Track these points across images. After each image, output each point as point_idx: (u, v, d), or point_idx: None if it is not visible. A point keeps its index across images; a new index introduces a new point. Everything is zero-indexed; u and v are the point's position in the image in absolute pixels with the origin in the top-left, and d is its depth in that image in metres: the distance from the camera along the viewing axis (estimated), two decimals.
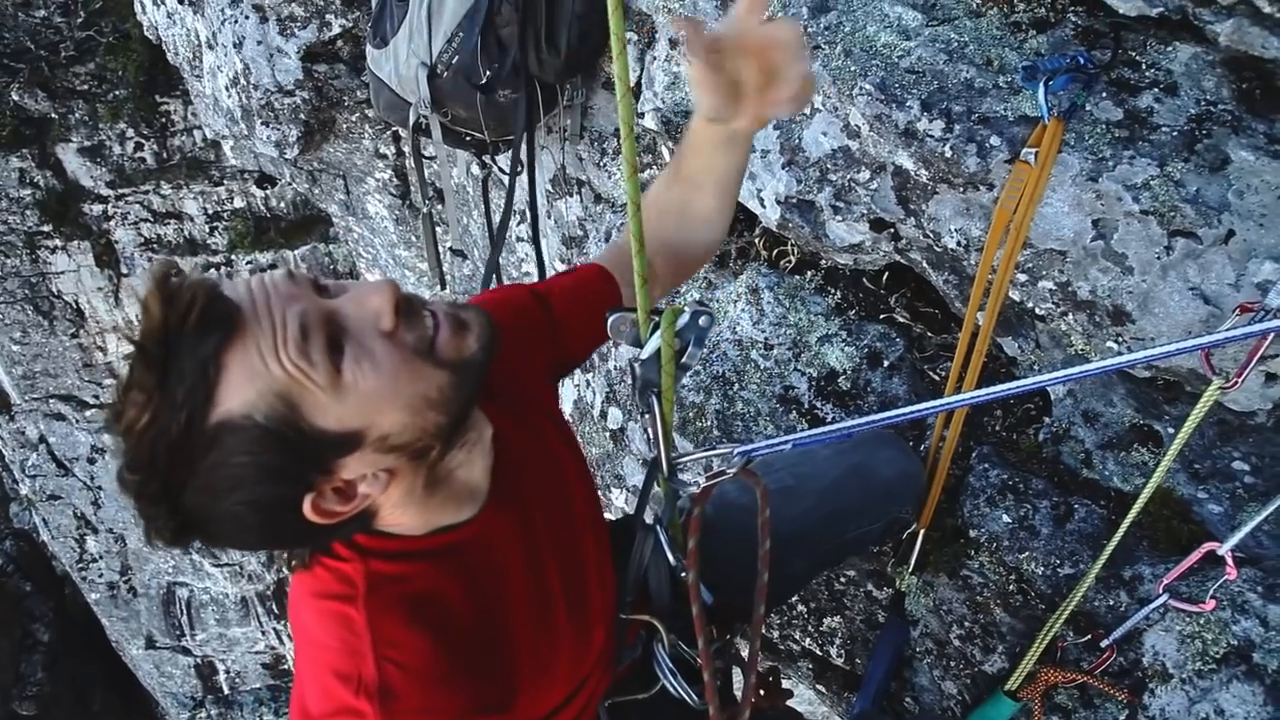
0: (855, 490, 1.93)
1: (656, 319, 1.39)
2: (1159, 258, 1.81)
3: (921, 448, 2.24)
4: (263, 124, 3.82)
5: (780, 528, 1.56)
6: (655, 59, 2.70)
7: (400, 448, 1.10)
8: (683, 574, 1.58)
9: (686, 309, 1.41)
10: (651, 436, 1.49)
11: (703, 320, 1.44)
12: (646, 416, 1.48)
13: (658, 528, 1.59)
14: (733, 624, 1.78)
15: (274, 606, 14.26)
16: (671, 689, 1.62)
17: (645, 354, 1.40)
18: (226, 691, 15.32)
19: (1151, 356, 1.59)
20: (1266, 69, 1.81)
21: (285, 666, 15.02)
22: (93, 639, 15.72)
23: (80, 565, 14.40)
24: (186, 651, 14.84)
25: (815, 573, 2.12)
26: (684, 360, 1.44)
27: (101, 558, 14.31)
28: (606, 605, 1.57)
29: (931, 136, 1.93)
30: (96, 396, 12.65)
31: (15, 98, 9.62)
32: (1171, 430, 2.15)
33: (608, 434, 2.76)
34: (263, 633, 14.61)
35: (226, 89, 3.93)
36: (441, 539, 1.25)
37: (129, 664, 15.60)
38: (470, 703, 1.17)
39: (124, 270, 11.48)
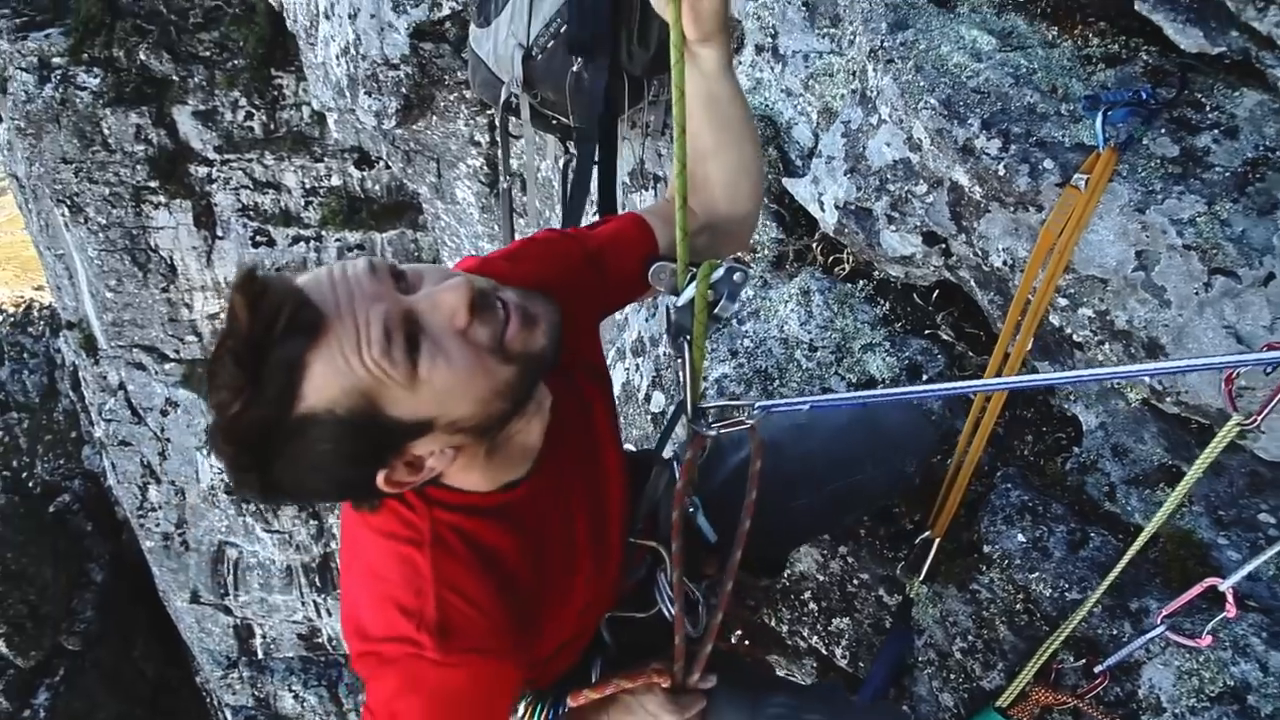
0: (861, 435, 1.98)
1: (694, 270, 1.48)
2: (1197, 293, 1.84)
3: (947, 461, 2.28)
4: (366, 93, 4.02)
5: (786, 465, 1.63)
6: (740, 63, 2.80)
7: (467, 430, 1.20)
8: (691, 509, 1.67)
9: (723, 263, 1.50)
10: (680, 380, 1.57)
11: (737, 276, 1.53)
12: (679, 360, 1.57)
13: (674, 464, 1.68)
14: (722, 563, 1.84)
15: (317, 579, 14.59)
16: (668, 614, 1.70)
17: (681, 301, 1.49)
18: (260, 656, 15.67)
19: (1166, 369, 1.63)
20: None
21: (320, 640, 15.31)
22: (142, 587, 16.23)
23: (140, 513, 14.91)
24: (228, 611, 15.24)
25: (819, 519, 2.13)
26: (716, 311, 1.53)
27: (161, 508, 14.80)
28: (621, 542, 1.68)
29: (988, 154, 1.99)
30: (177, 351, 13.16)
31: (142, 57, 10.17)
32: (1200, 475, 2.16)
33: (649, 417, 2.85)
34: (303, 603, 14.93)
35: (337, 58, 4.16)
36: (500, 497, 1.36)
37: (172, 615, 16.06)
38: (512, 645, 1.29)
39: (219, 233, 11.95)
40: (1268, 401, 1.66)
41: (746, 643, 1.89)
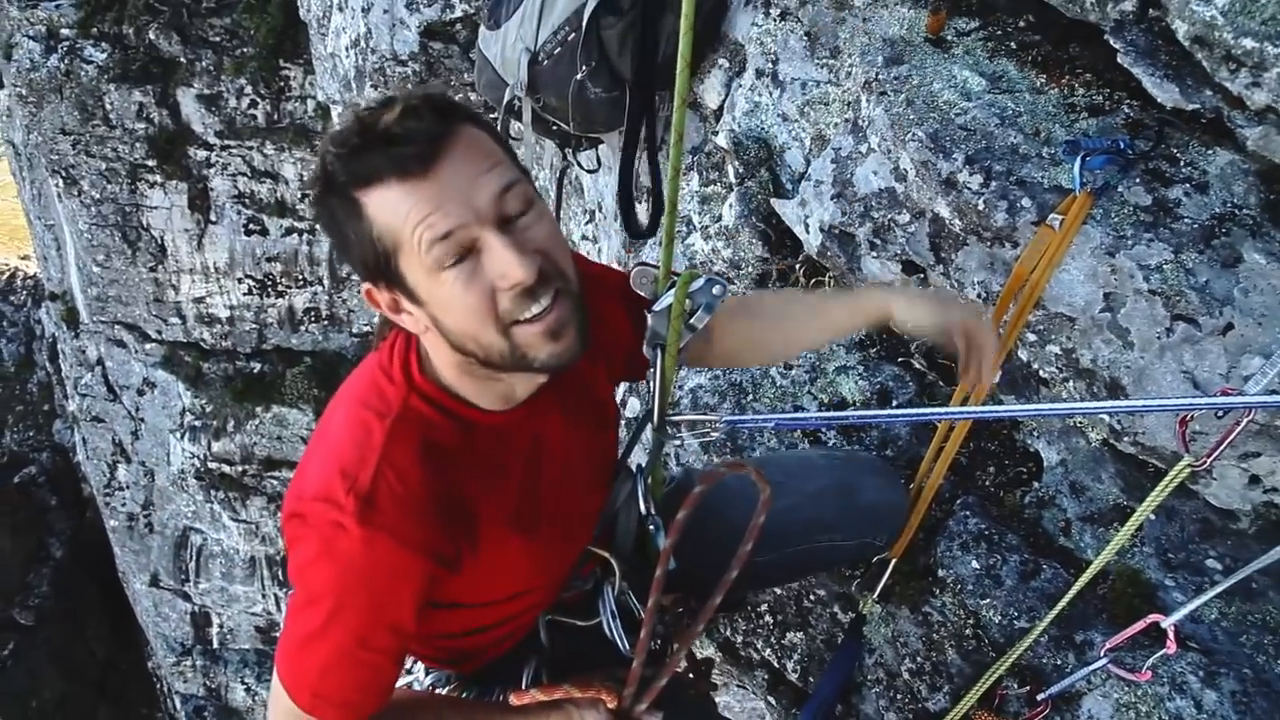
0: (836, 503, 2.02)
1: (676, 277, 1.53)
2: (1159, 338, 1.91)
3: (909, 486, 2.33)
4: (372, 86, 4.08)
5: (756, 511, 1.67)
6: (741, 86, 2.88)
7: (444, 334, 1.30)
8: (651, 525, 1.71)
9: (704, 275, 1.55)
10: (650, 388, 1.62)
11: (716, 289, 1.59)
12: (651, 369, 1.62)
13: (637, 475, 1.71)
14: (684, 595, 1.86)
15: (279, 573, 14.48)
16: (607, 629, 1.73)
17: (658, 307, 1.54)
18: (216, 645, 15.49)
19: (1122, 408, 1.69)
20: None
21: (277, 634, 15.12)
22: (100, 566, 16.05)
23: (107, 491, 14.78)
24: (187, 597, 15.08)
25: (781, 574, 2.20)
26: (692, 321, 1.58)
27: (128, 488, 14.68)
28: (584, 541, 1.72)
29: (969, 189, 2.06)
30: (159, 332, 13.11)
31: (151, 36, 10.22)
32: (1154, 517, 2.22)
33: (623, 423, 2.90)
34: (264, 595, 14.79)
35: (347, 49, 4.22)
36: (471, 412, 1.41)
37: (130, 597, 15.87)
38: (428, 543, 1.33)
39: (213, 218, 11.95)
40: (1216, 445, 1.72)
41: (691, 675, 1.91)
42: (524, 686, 1.69)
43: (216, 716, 15.96)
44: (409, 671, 1.78)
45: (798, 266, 2.66)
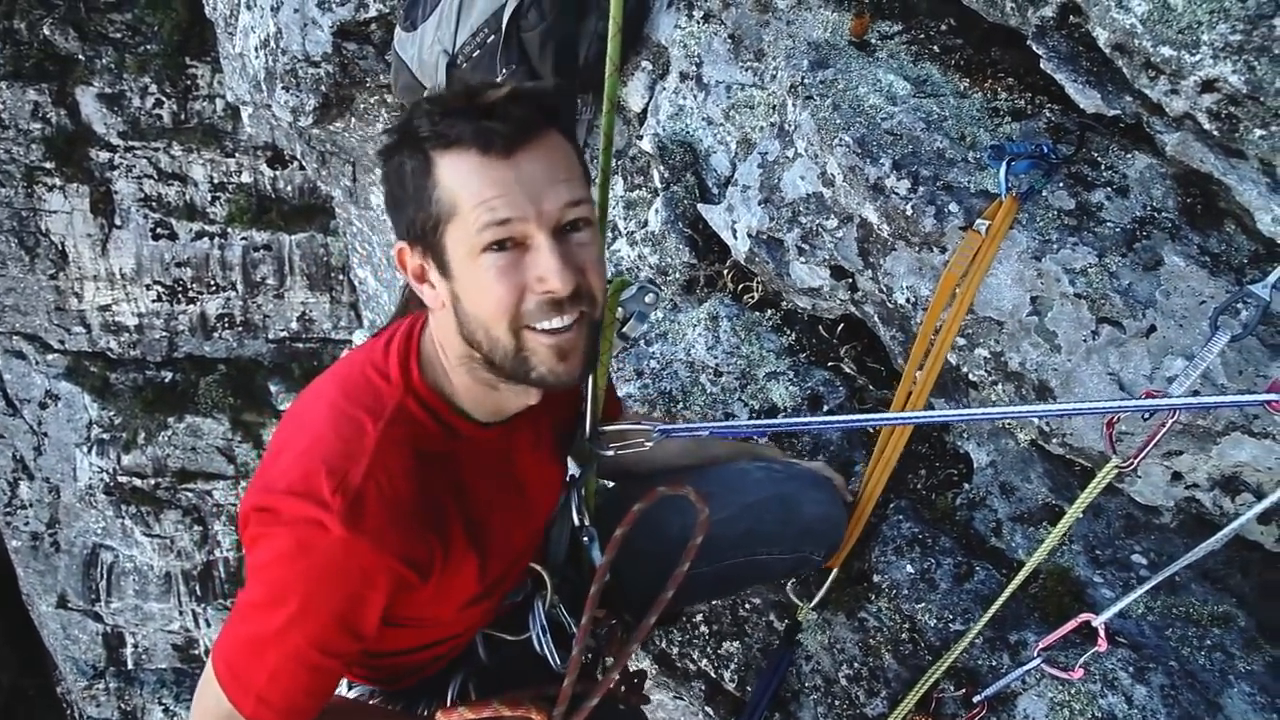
0: (776, 517, 1.99)
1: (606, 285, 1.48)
2: (1085, 340, 1.93)
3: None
4: (283, 88, 3.94)
5: (691, 530, 1.65)
6: (664, 89, 2.84)
7: (458, 317, 1.29)
8: (585, 537, 1.67)
9: (635, 283, 1.51)
10: (582, 396, 1.57)
11: (649, 297, 1.55)
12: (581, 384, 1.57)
13: (571, 487, 1.67)
14: (617, 609, 1.82)
15: (198, 588, 14.01)
16: (536, 644, 1.69)
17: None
18: (130, 667, 14.91)
19: (1053, 412, 1.69)
20: (1211, 189, 1.96)
21: (196, 652, 14.64)
22: (2, 589, 15.33)
23: (8, 510, 14.10)
24: (98, 618, 14.48)
25: (717, 587, 2.16)
26: (625, 330, 1.54)
27: (31, 505, 14.03)
28: (525, 564, 1.68)
29: (897, 194, 2.06)
30: (62, 342, 12.55)
31: (46, 32, 9.74)
32: (1081, 515, 2.25)
33: None
34: (180, 612, 14.29)
35: (256, 50, 4.06)
36: (462, 423, 1.40)
37: (35, 620, 15.20)
38: (407, 551, 1.29)
39: (118, 222, 11.48)
40: (1142, 447, 1.74)
41: (623, 689, 1.87)
42: (450, 701, 1.64)
43: None
44: None
45: (725, 272, 2.64)
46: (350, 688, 1.71)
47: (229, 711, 1.31)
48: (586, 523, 1.73)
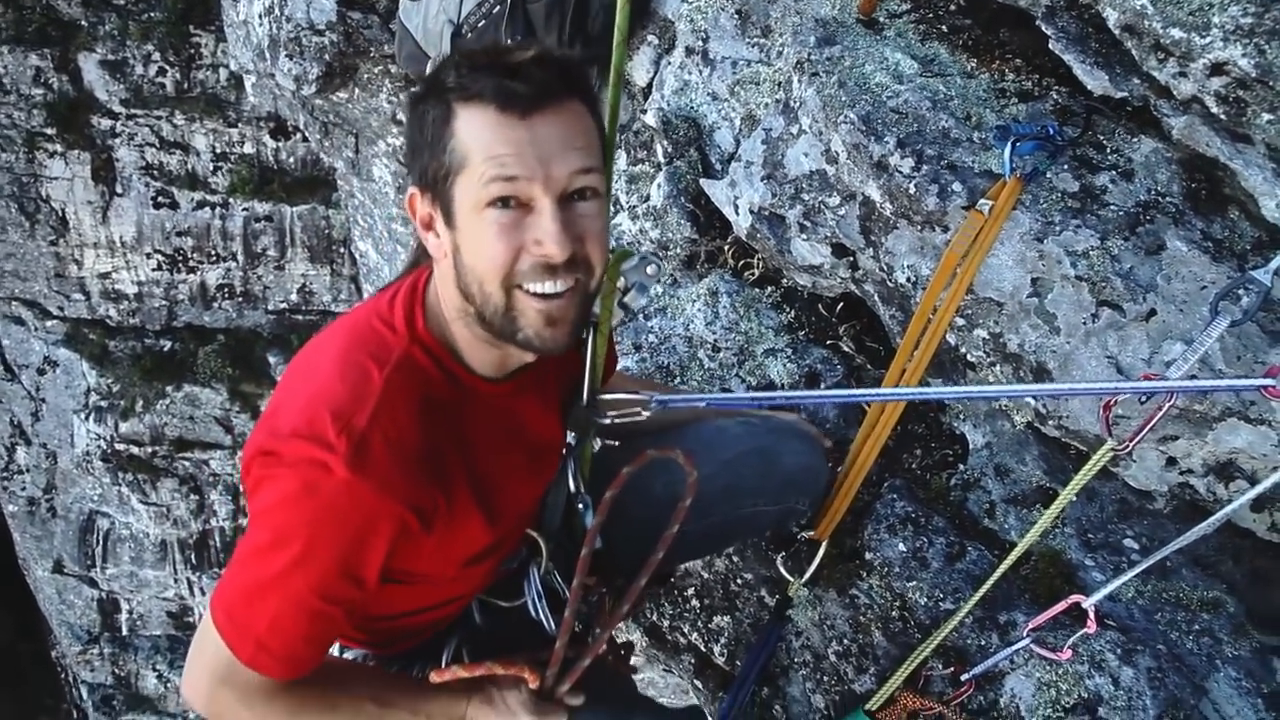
0: (756, 469, 2.00)
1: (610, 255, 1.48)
2: (1085, 323, 1.93)
3: (838, 469, 2.33)
4: (287, 56, 3.92)
5: (677, 489, 1.65)
6: (670, 64, 2.83)
7: (457, 269, 1.31)
8: (580, 504, 1.67)
9: (636, 254, 1.51)
10: (582, 365, 1.58)
11: (650, 268, 1.55)
12: (582, 348, 1.57)
13: (567, 454, 1.68)
14: (609, 576, 1.83)
15: (193, 556, 14.06)
16: (532, 608, 1.69)
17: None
18: (125, 632, 14.98)
19: (1048, 391, 1.69)
20: (1216, 174, 1.96)
21: (190, 620, 14.71)
22: None
23: (4, 475, 14.13)
24: (93, 583, 14.54)
25: (706, 543, 2.16)
26: (626, 300, 1.54)
27: (28, 471, 14.07)
28: (525, 528, 1.69)
29: (900, 172, 2.05)
30: (61, 308, 12.54)
31: None
32: (1074, 498, 2.26)
33: None
34: (175, 580, 14.34)
35: (260, 17, 4.04)
36: (466, 375, 1.41)
37: (31, 585, 15.26)
38: (410, 496, 1.30)
39: (119, 190, 11.46)
40: (1138, 430, 1.75)
41: (611, 658, 1.88)
42: (445, 664, 1.66)
43: (126, 704, 15.48)
44: None
45: (727, 248, 2.64)
46: (342, 651, 1.72)
47: (228, 659, 1.31)
48: (582, 489, 1.74)
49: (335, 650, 1.71)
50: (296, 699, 1.40)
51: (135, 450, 13.35)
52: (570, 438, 1.76)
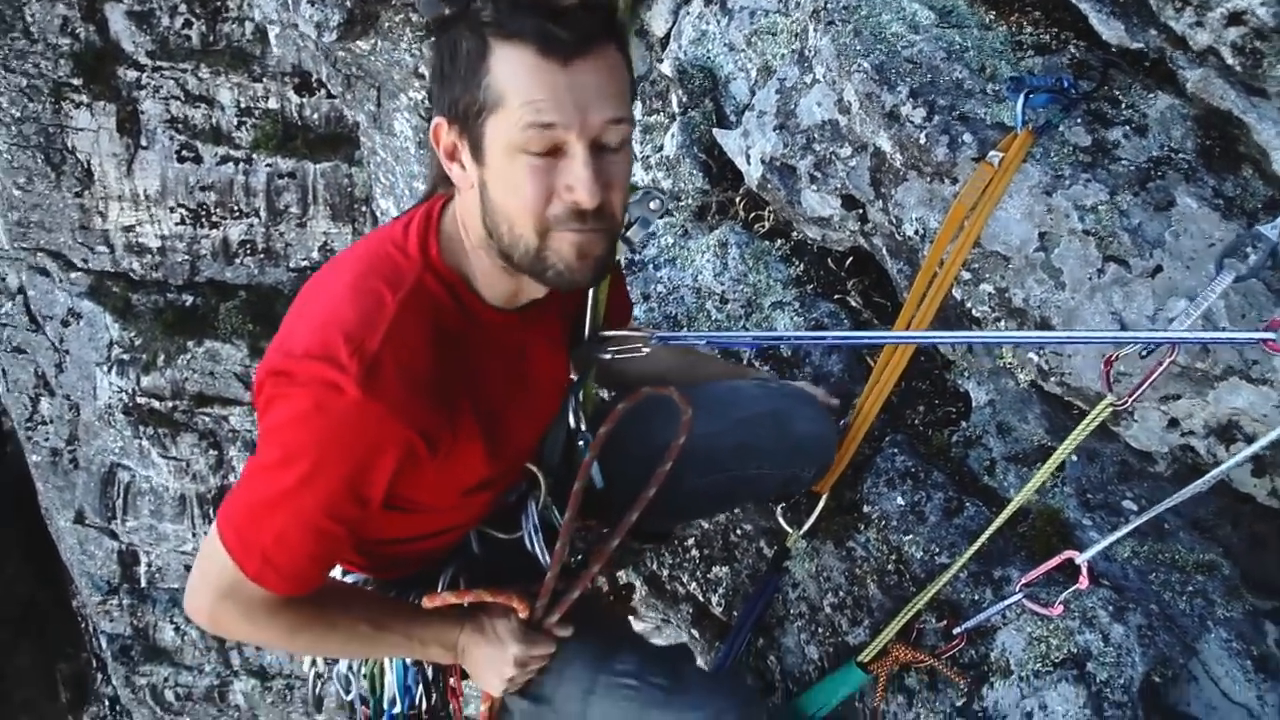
0: (768, 432, 2.00)
1: None
2: (1090, 278, 1.92)
3: (842, 422, 2.34)
4: (309, 2, 3.92)
5: (687, 442, 1.67)
6: (689, 14, 2.81)
7: (484, 202, 1.31)
8: (580, 441, 1.69)
9: (639, 188, 1.51)
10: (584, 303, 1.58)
11: (653, 204, 1.56)
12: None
13: (569, 391, 1.69)
14: (611, 516, 1.85)
15: (211, 511, 14.20)
16: (528, 542, 1.72)
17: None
18: (144, 584, 15.19)
19: (1046, 340, 1.69)
20: (1231, 132, 1.93)
21: None
22: (21, 502, 15.61)
23: (29, 425, 14.31)
24: (113, 535, 14.73)
25: (708, 504, 2.19)
26: (629, 234, 1.55)
27: (51, 422, 14.23)
28: (528, 456, 1.72)
29: (911, 122, 2.04)
30: (85, 260, 12.63)
31: None
32: (1075, 458, 2.26)
33: None
34: (194, 534, 14.50)
35: None
36: (477, 304, 1.42)
37: (53, 534, 15.48)
38: (418, 419, 1.32)
39: (143, 142, 11.49)
40: (1138, 385, 1.74)
41: (611, 598, 1.90)
42: (440, 590, 1.68)
43: (144, 656, 15.74)
44: None
45: (738, 199, 2.63)
46: (344, 574, 1.75)
47: (233, 573, 1.34)
48: (582, 427, 1.75)
49: (337, 574, 1.74)
50: (297, 615, 1.43)
51: (156, 404, 13.46)
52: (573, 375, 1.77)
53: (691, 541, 2.54)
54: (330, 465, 1.29)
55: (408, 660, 1.78)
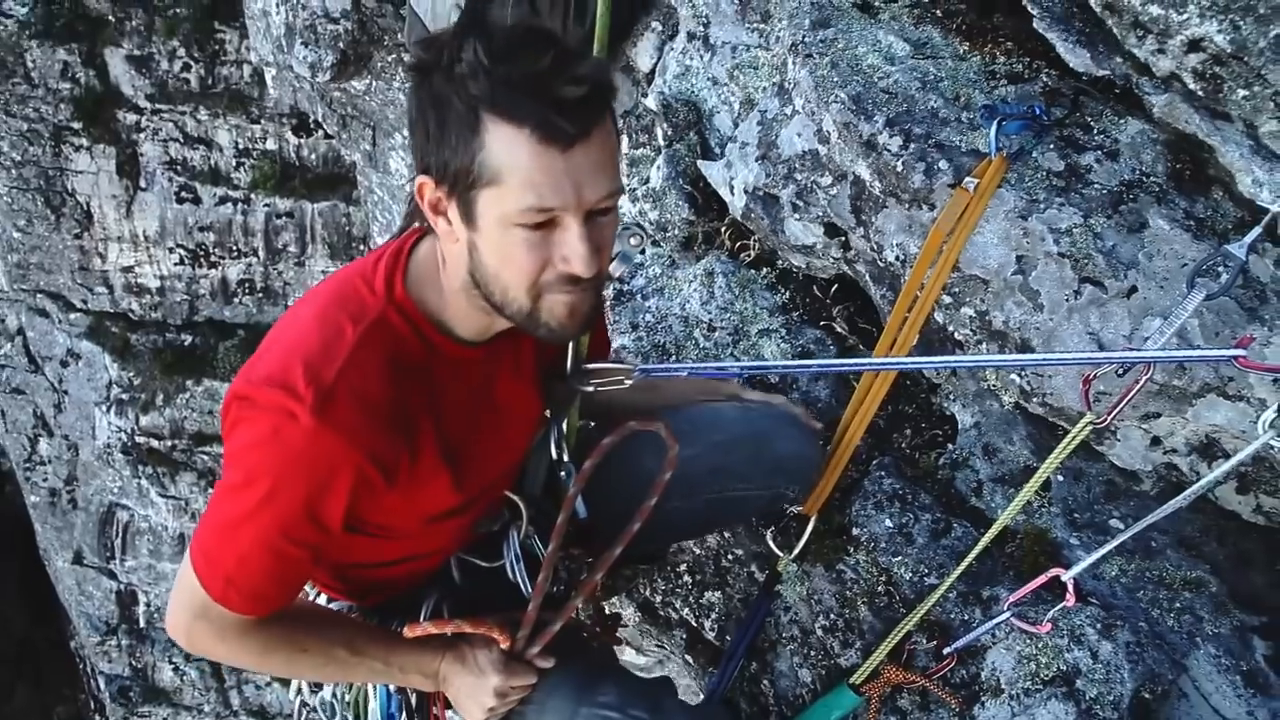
0: (747, 453, 2.02)
1: None
2: (1068, 300, 1.95)
3: (828, 446, 2.36)
4: (302, 44, 4.00)
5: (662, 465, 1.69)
6: (673, 49, 2.87)
7: (474, 262, 1.32)
8: (563, 472, 1.71)
9: (620, 223, 1.54)
10: None
11: (634, 239, 1.59)
12: None
13: (551, 422, 1.71)
14: (596, 547, 1.87)
15: None
16: (509, 572, 1.74)
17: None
18: (142, 625, 15.11)
19: (1029, 362, 1.72)
20: (1201, 155, 1.98)
21: None
22: (18, 542, 15.56)
23: (27, 465, 14.30)
24: (112, 575, 14.68)
25: (692, 524, 2.20)
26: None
27: (50, 462, 14.22)
28: (500, 491, 1.73)
29: (889, 150, 2.09)
30: (85, 301, 12.70)
31: None
32: (1061, 478, 2.28)
33: None
34: None
35: (277, 5, 4.12)
36: (440, 339, 1.44)
37: (51, 575, 15.41)
38: (373, 446, 1.34)
39: (143, 184, 11.60)
40: (1116, 403, 1.77)
41: (598, 628, 1.92)
42: (422, 619, 1.69)
43: (143, 696, 15.61)
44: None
45: (723, 229, 2.67)
46: (328, 601, 1.77)
47: (201, 596, 1.38)
48: (565, 458, 1.77)
49: (322, 600, 1.76)
50: (268, 637, 1.47)
51: (155, 443, 13.46)
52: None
53: (684, 567, 2.56)
54: (287, 489, 1.32)
55: (391, 688, 1.80)
